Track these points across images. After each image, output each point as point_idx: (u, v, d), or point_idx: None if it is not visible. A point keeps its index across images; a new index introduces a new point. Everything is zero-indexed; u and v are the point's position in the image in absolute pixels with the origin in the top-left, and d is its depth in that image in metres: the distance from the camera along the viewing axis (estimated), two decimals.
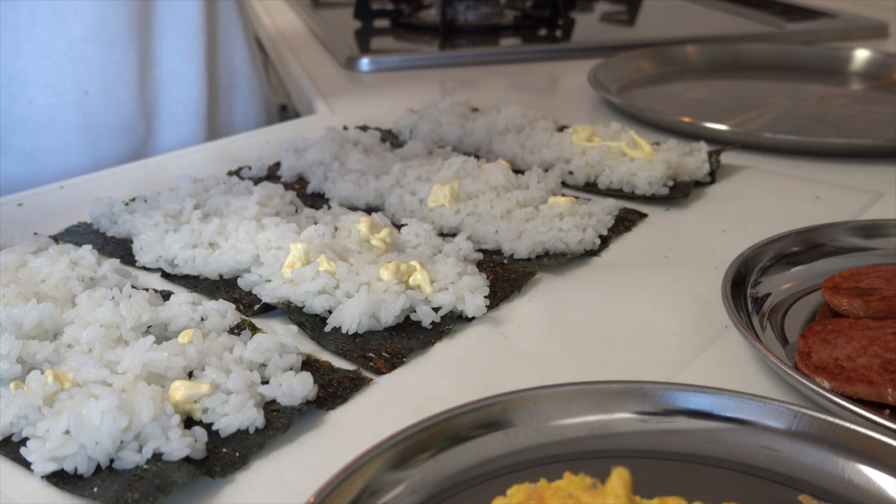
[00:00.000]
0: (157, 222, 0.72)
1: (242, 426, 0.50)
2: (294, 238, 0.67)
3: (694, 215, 0.81)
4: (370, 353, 0.58)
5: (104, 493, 0.45)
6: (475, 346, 0.61)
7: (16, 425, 0.50)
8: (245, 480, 0.48)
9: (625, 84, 1.21)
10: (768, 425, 0.48)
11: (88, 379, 0.51)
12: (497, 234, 0.73)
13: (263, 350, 0.55)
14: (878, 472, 0.45)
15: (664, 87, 1.23)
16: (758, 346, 0.55)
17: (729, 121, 1.04)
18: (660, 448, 0.48)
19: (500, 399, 0.48)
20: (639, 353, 0.60)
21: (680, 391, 0.49)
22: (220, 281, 0.67)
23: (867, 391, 0.52)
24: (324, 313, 0.62)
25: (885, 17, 1.55)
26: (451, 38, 1.49)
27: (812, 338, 0.57)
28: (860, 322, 0.59)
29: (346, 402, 0.54)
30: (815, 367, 0.54)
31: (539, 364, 0.59)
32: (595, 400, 0.49)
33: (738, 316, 0.58)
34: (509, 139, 0.92)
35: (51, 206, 0.82)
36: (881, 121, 1.08)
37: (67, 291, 0.62)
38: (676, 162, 0.85)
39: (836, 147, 0.94)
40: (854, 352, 0.55)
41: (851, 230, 0.71)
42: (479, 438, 0.47)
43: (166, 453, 0.47)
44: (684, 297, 0.66)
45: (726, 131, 0.97)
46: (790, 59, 1.33)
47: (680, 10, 1.74)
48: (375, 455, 0.44)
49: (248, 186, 0.79)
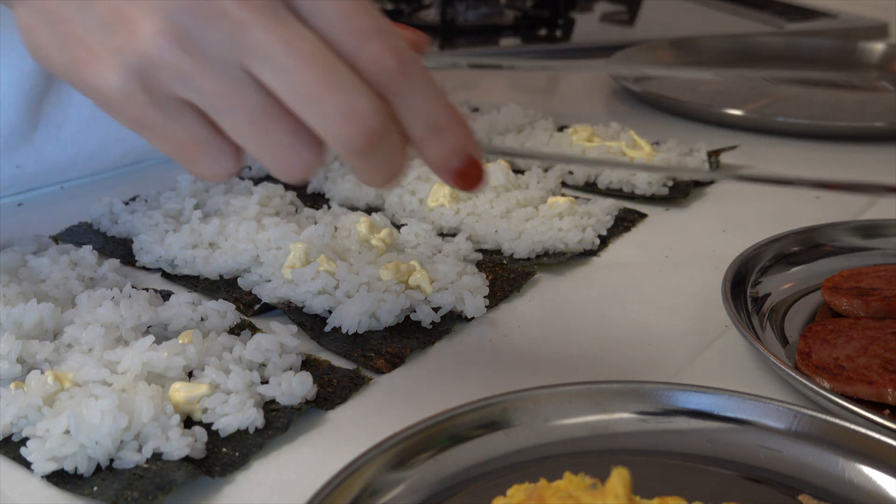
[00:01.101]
0: (157, 222, 0.72)
1: (242, 426, 0.50)
2: (294, 238, 0.67)
3: (694, 215, 0.81)
4: (370, 353, 0.58)
5: (104, 493, 0.45)
6: (475, 346, 0.61)
7: (16, 425, 0.50)
8: (245, 480, 0.48)
9: (640, 74, 1.24)
10: (768, 425, 0.48)
11: (88, 379, 0.51)
12: (497, 233, 0.73)
13: (263, 350, 0.55)
14: (878, 472, 0.45)
15: (679, 78, 1.26)
16: (758, 346, 0.55)
17: (744, 106, 1.09)
18: (660, 448, 0.48)
19: (500, 399, 0.48)
20: (639, 353, 0.60)
21: (680, 391, 0.49)
22: (220, 281, 0.67)
23: (867, 391, 0.52)
24: (324, 313, 0.62)
25: (886, 17, 1.55)
26: (451, 38, 1.49)
27: (812, 338, 0.57)
28: (860, 322, 0.59)
29: (345, 402, 0.54)
30: (815, 367, 0.54)
31: (539, 364, 0.59)
32: (595, 400, 0.49)
33: (737, 316, 0.58)
34: (509, 139, 0.92)
35: (51, 206, 0.82)
36: (892, 106, 1.12)
37: (67, 291, 0.62)
38: (676, 162, 0.85)
39: (852, 130, 0.97)
40: (854, 352, 0.55)
41: (852, 230, 0.71)
42: (479, 438, 0.47)
43: (166, 453, 0.47)
44: (684, 297, 0.66)
45: (742, 116, 1.03)
46: (797, 51, 1.37)
47: (680, 10, 1.74)
48: (375, 455, 0.44)
49: (248, 186, 0.79)
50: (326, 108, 0.38)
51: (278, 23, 0.37)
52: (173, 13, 0.38)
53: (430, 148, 0.40)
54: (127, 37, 0.39)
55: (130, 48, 0.39)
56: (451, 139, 0.40)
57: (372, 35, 0.38)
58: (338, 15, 0.38)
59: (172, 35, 0.38)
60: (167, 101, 0.40)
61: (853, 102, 1.15)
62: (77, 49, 0.40)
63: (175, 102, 0.40)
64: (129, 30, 0.39)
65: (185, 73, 0.38)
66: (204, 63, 0.38)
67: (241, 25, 0.37)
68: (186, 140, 0.41)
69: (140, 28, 0.38)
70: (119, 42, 0.39)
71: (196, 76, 0.38)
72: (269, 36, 0.37)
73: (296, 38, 0.37)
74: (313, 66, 0.37)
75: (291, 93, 0.38)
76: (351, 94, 0.38)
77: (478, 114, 1.00)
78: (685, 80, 1.24)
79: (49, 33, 0.41)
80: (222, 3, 0.37)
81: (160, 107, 0.40)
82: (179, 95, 0.40)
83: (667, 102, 1.11)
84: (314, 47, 0.38)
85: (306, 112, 0.38)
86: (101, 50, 0.39)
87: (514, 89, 1.28)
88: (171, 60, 0.38)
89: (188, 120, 0.40)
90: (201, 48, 0.38)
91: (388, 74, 0.38)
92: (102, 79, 0.39)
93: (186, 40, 0.38)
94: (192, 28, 0.38)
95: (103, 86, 0.40)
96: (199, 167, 0.42)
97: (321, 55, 0.38)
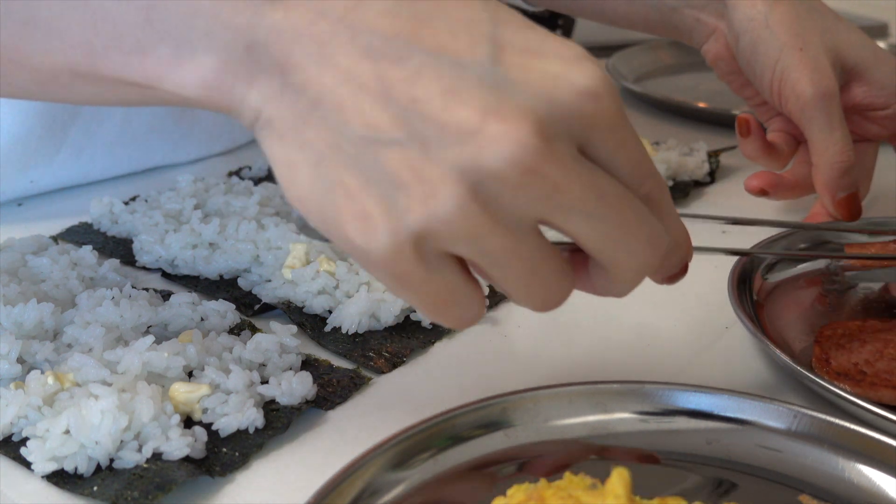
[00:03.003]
0: (157, 222, 0.72)
1: (242, 426, 0.50)
2: (294, 238, 0.67)
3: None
4: (370, 353, 0.58)
5: (104, 492, 0.45)
6: (475, 346, 0.61)
7: (16, 425, 0.50)
8: (245, 480, 0.48)
9: (640, 75, 1.24)
10: (768, 425, 0.48)
11: (88, 379, 0.51)
12: None
13: (263, 350, 0.55)
14: (879, 472, 0.45)
15: (679, 78, 1.27)
16: (770, 346, 0.54)
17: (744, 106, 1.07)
18: (660, 448, 0.48)
19: (500, 399, 0.48)
20: (639, 353, 0.60)
21: (680, 391, 0.49)
22: (220, 281, 0.67)
23: (891, 395, 0.52)
24: (324, 313, 0.62)
25: (886, 17, 1.54)
26: None
27: (825, 342, 0.57)
28: (868, 324, 0.59)
29: (345, 402, 0.54)
30: (837, 373, 0.54)
31: (539, 364, 0.59)
32: (595, 400, 0.49)
33: (744, 313, 0.58)
34: None
35: (51, 206, 0.82)
36: None
37: (67, 291, 0.62)
38: (676, 162, 0.85)
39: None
40: (871, 356, 0.55)
41: (857, 227, 0.71)
42: (478, 438, 0.47)
43: (166, 453, 0.47)
44: (684, 297, 0.66)
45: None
46: None
47: None
48: (375, 455, 0.44)
49: (248, 186, 0.79)
50: (635, 244, 0.38)
51: (590, 173, 0.36)
52: (487, 178, 0.34)
53: (668, 262, 0.43)
54: (421, 200, 0.34)
55: (421, 212, 0.35)
56: (681, 254, 0.43)
57: (650, 174, 0.39)
58: (629, 156, 0.37)
59: (477, 199, 0.35)
60: (436, 258, 0.37)
61: None
62: (346, 200, 0.36)
63: (443, 258, 0.37)
64: (425, 191, 0.34)
65: (477, 235, 0.35)
66: (501, 224, 0.35)
67: (561, 187, 0.35)
68: (442, 293, 0.38)
69: (440, 191, 0.34)
70: (410, 204, 0.35)
71: (488, 238, 0.35)
72: (586, 191, 0.36)
73: (607, 184, 0.37)
74: (622, 208, 0.37)
75: (600, 235, 0.37)
76: (650, 223, 0.38)
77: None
78: (685, 80, 1.24)
79: (313, 175, 0.36)
80: (545, 168, 0.34)
81: (427, 264, 0.36)
82: (454, 253, 0.37)
83: (667, 102, 1.11)
84: (619, 189, 0.37)
85: (614, 250, 0.38)
86: (379, 208, 0.35)
87: None
88: (469, 225, 0.35)
89: (450, 272, 0.37)
90: (503, 210, 0.35)
91: (654, 204, 0.39)
92: (372, 239, 0.35)
93: (490, 204, 0.35)
94: (501, 191, 0.35)
95: (371, 247, 0.36)
96: (447, 317, 0.39)
97: (624, 194, 0.37)
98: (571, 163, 0.35)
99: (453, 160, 0.34)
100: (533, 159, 0.34)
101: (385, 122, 0.35)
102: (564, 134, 0.35)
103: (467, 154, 0.34)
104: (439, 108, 0.34)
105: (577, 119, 0.35)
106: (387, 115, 0.35)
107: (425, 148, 0.34)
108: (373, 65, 0.35)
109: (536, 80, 0.35)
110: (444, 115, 0.34)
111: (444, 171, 0.34)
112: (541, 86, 0.35)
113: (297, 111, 0.36)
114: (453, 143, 0.34)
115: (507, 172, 0.34)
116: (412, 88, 0.35)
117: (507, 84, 0.34)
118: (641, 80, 1.22)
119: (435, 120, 0.34)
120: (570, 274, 0.40)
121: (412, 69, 0.35)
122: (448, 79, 0.34)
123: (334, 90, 0.35)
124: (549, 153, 0.34)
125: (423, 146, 0.34)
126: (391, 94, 0.35)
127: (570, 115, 0.35)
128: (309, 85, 0.36)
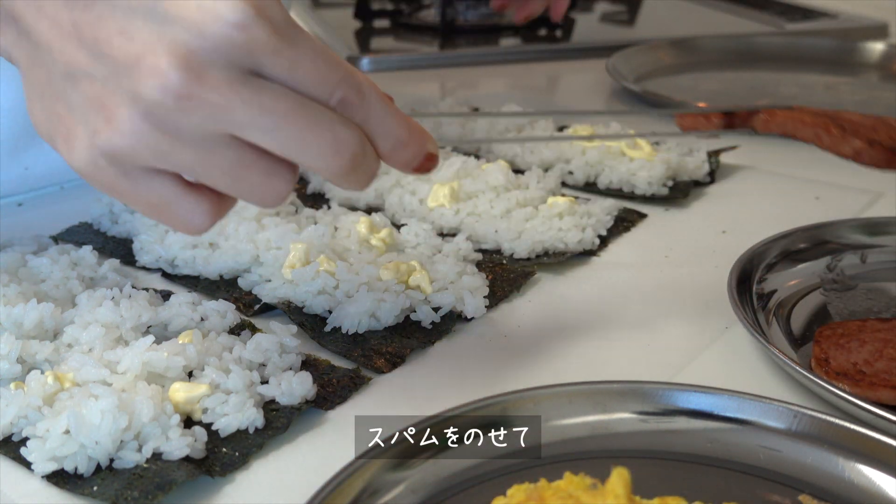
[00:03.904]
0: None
1: (242, 426, 0.50)
2: (294, 238, 0.67)
3: (694, 215, 0.81)
4: (370, 353, 0.58)
5: (104, 492, 0.45)
6: (475, 346, 0.61)
7: (16, 425, 0.50)
8: (245, 480, 0.48)
9: (640, 75, 1.24)
10: (768, 425, 0.48)
11: (88, 379, 0.51)
12: (497, 233, 0.73)
13: (263, 350, 0.55)
14: (878, 472, 0.45)
15: (678, 78, 1.26)
16: (771, 348, 0.55)
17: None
18: (660, 448, 0.48)
19: (500, 399, 0.48)
20: (638, 353, 0.60)
21: (680, 391, 0.49)
22: (220, 281, 0.67)
23: (890, 395, 0.52)
24: (324, 313, 0.62)
25: (886, 17, 1.54)
26: (451, 38, 1.49)
27: (825, 342, 0.57)
28: (867, 324, 0.59)
29: (345, 402, 0.54)
30: (836, 373, 0.54)
31: (539, 364, 0.59)
32: (595, 400, 0.49)
33: (744, 313, 0.58)
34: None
35: (51, 206, 0.82)
36: (891, 105, 1.12)
37: (67, 291, 0.62)
38: (676, 162, 0.85)
39: None
40: (870, 356, 0.55)
41: (857, 227, 0.72)
42: (479, 438, 0.47)
43: (166, 453, 0.47)
44: (684, 297, 0.66)
45: None
46: (797, 51, 1.37)
47: (680, 10, 1.74)
48: (375, 455, 0.44)
49: None
50: (317, 149, 0.42)
51: (254, 93, 0.40)
52: (151, 106, 0.40)
53: (397, 158, 0.46)
54: (105, 123, 0.41)
55: (106, 133, 0.41)
56: (412, 148, 0.45)
57: (338, 83, 0.42)
58: (305, 73, 0.41)
59: (150, 122, 0.40)
60: (137, 172, 0.43)
61: (853, 103, 1.15)
62: (58, 124, 0.43)
63: (145, 171, 0.43)
64: (107, 116, 0.41)
65: (161, 151, 0.41)
66: (181, 141, 0.41)
67: (222, 108, 0.40)
68: (157, 202, 0.44)
69: (117, 115, 0.41)
70: (97, 126, 0.41)
71: (173, 153, 0.41)
72: (250, 109, 0.40)
73: (273, 100, 0.40)
74: (295, 119, 0.41)
75: (281, 146, 0.41)
76: (333, 130, 0.42)
77: (478, 114, 1.00)
78: (685, 80, 1.24)
79: (40, 107, 0.44)
80: (198, 93, 0.39)
81: (129, 176, 0.43)
82: (152, 167, 0.42)
83: (667, 102, 1.10)
84: (292, 102, 0.41)
85: (299, 157, 0.42)
86: (77, 130, 0.42)
87: (515, 89, 1.28)
88: (148, 143, 0.41)
89: (157, 183, 0.43)
90: (180, 131, 0.41)
91: (354, 108, 0.43)
92: (75, 156, 0.43)
93: (165, 126, 0.41)
94: (171, 117, 0.40)
95: (74, 163, 0.43)
96: (173, 224, 0.44)
97: (299, 106, 0.41)
98: (229, 86, 0.40)
99: (125, 90, 0.40)
100: (182, 87, 0.39)
101: (80, 59, 0.42)
102: (221, 62, 0.40)
103: (132, 85, 0.40)
104: (115, 46, 0.41)
105: (230, 48, 0.39)
106: (81, 54, 0.42)
107: (107, 80, 0.41)
108: (69, 13, 0.42)
109: (189, 15, 0.39)
110: (117, 51, 0.41)
111: (119, 100, 0.41)
112: (193, 20, 0.39)
113: (27, 53, 0.44)
114: (123, 75, 0.40)
115: (162, 100, 0.40)
116: (96, 30, 0.41)
117: (167, 21, 0.40)
118: (641, 80, 1.21)
119: (111, 56, 0.41)
120: (284, 172, 0.43)
121: (96, 14, 0.41)
122: (122, 20, 0.41)
123: (45, 34, 0.43)
124: (199, 81, 0.39)
125: (105, 78, 0.41)
126: (83, 35, 0.42)
127: (222, 45, 0.39)
128: (31, 31, 0.44)
